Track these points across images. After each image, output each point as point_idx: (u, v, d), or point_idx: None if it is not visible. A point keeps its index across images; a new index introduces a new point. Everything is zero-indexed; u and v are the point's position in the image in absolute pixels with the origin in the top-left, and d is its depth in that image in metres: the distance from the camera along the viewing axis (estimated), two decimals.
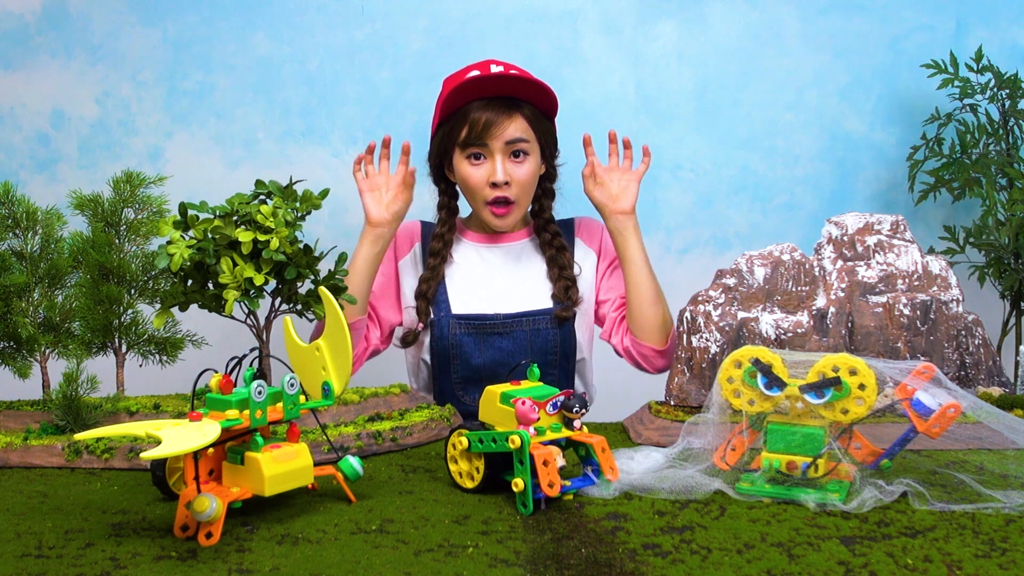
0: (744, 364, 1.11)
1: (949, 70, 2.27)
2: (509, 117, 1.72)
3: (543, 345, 1.77)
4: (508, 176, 1.73)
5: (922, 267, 1.44)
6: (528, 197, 1.80)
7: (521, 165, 1.74)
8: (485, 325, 1.77)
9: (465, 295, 1.81)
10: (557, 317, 1.77)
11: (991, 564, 0.89)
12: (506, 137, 1.71)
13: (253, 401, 1.02)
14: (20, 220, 1.41)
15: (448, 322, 1.77)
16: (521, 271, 1.84)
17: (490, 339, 1.77)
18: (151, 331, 1.45)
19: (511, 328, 1.77)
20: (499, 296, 1.80)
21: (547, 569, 0.88)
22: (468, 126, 1.72)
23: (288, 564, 0.90)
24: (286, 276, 1.27)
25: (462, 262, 1.85)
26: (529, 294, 1.81)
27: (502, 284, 1.82)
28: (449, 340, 1.77)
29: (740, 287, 1.45)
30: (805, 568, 0.89)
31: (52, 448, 1.28)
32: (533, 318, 1.78)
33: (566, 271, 1.81)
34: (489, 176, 1.73)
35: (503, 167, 1.72)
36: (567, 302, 1.78)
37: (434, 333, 1.78)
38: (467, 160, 1.75)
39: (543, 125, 1.77)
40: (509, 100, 1.73)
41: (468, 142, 1.72)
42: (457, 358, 1.77)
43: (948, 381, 1.09)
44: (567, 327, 1.79)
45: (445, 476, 1.20)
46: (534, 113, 1.75)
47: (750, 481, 1.11)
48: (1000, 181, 2.24)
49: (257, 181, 1.31)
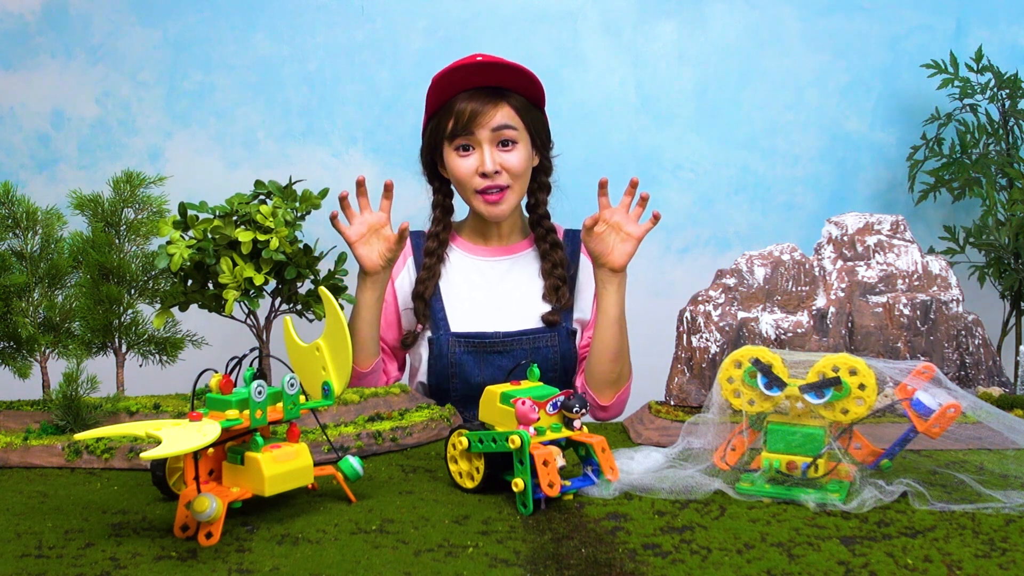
0: (744, 364, 1.11)
1: (949, 70, 2.27)
2: (495, 106, 1.71)
3: (543, 363, 1.75)
4: (497, 164, 1.71)
5: (922, 267, 1.44)
6: (521, 185, 1.77)
7: (510, 153, 1.72)
8: (484, 343, 1.75)
9: (464, 313, 1.79)
10: (545, 320, 1.76)
11: (991, 564, 0.89)
12: (492, 125, 1.70)
13: (253, 401, 1.02)
14: (20, 220, 1.41)
15: (447, 340, 1.75)
16: (521, 286, 1.82)
17: (490, 357, 1.75)
18: (151, 331, 1.45)
19: (511, 346, 1.75)
20: (498, 313, 1.78)
21: (547, 569, 0.88)
22: (454, 118, 1.71)
23: (288, 564, 0.90)
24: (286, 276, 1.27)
25: (459, 276, 1.83)
26: (529, 311, 1.79)
27: (502, 300, 1.80)
28: (448, 359, 1.75)
29: (740, 287, 1.45)
30: (805, 568, 0.89)
31: (52, 448, 1.28)
32: (533, 336, 1.76)
33: (558, 269, 1.79)
34: (478, 166, 1.72)
35: (491, 156, 1.71)
36: (555, 304, 1.77)
37: (433, 351, 1.76)
38: (455, 152, 1.74)
39: (532, 114, 1.76)
40: (494, 90, 1.72)
41: (455, 133, 1.72)
42: (456, 376, 1.76)
43: (948, 381, 1.09)
44: (567, 343, 1.77)
45: (445, 476, 1.20)
46: (521, 102, 1.74)
47: (750, 481, 1.11)
48: (1000, 181, 2.24)
49: (257, 181, 1.31)
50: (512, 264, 1.84)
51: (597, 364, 1.72)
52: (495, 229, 1.84)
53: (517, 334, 1.75)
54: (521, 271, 1.83)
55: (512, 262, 1.84)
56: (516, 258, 1.85)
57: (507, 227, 1.85)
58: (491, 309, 1.79)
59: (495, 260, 1.84)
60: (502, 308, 1.79)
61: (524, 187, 1.79)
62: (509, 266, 1.84)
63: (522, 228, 1.87)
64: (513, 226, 1.86)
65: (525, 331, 1.76)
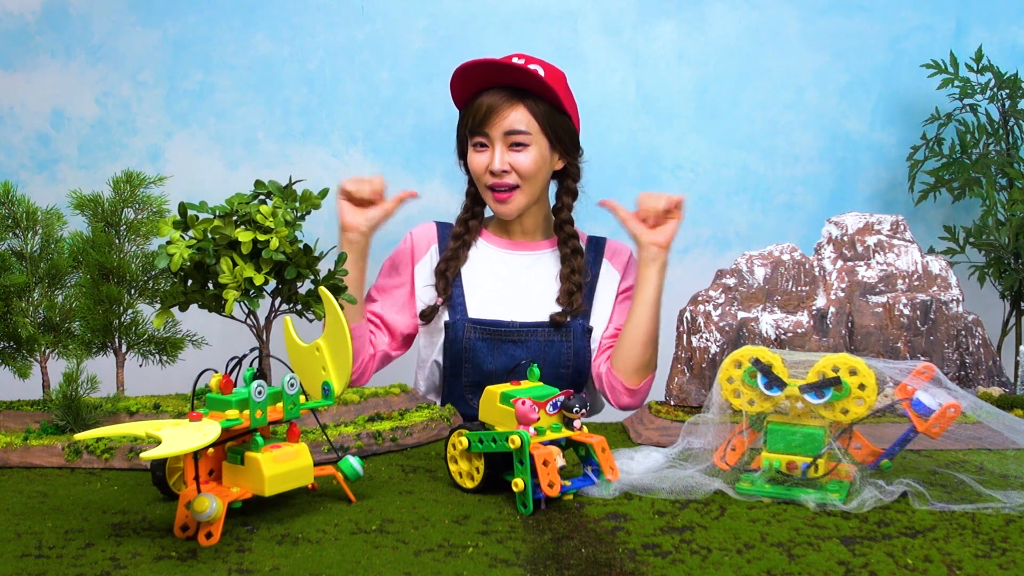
0: (744, 364, 1.11)
1: (949, 70, 2.27)
2: (511, 106, 1.73)
3: (556, 358, 1.76)
4: (505, 164, 1.73)
5: (922, 267, 1.44)
6: (532, 186, 1.77)
7: (521, 153, 1.74)
8: (500, 332, 1.76)
9: (482, 300, 1.80)
10: (553, 321, 1.76)
11: (991, 564, 0.89)
12: (504, 127, 1.72)
13: (253, 401, 1.02)
14: (20, 220, 1.41)
15: (463, 325, 1.77)
16: (541, 281, 1.83)
17: (503, 346, 1.76)
18: (151, 331, 1.45)
19: (525, 337, 1.76)
20: (516, 304, 1.79)
21: (547, 569, 0.88)
22: (473, 113, 1.75)
23: (288, 564, 0.90)
24: (286, 276, 1.27)
25: (481, 265, 1.84)
26: (546, 306, 1.79)
27: (520, 292, 1.81)
28: (463, 343, 1.76)
29: (740, 287, 1.45)
30: (805, 568, 0.89)
31: (52, 448, 1.28)
32: (548, 329, 1.77)
33: (575, 275, 1.79)
34: (488, 164, 1.74)
35: (501, 155, 1.73)
36: (566, 307, 1.77)
37: (449, 335, 1.77)
38: (473, 148, 1.77)
39: (553, 118, 1.75)
40: (514, 90, 1.74)
41: (473, 129, 1.75)
42: (469, 362, 1.77)
43: (948, 381, 1.09)
44: (582, 340, 1.78)
45: (445, 476, 1.20)
46: (541, 105, 1.74)
47: (750, 481, 1.11)
48: (1000, 181, 2.24)
49: (257, 181, 1.31)
50: (535, 260, 1.86)
51: (630, 348, 1.73)
52: (518, 225, 1.86)
53: (532, 326, 1.76)
54: (543, 268, 1.85)
55: (535, 258, 1.86)
56: (539, 255, 1.86)
57: (531, 225, 1.86)
58: (509, 299, 1.80)
59: (518, 254, 1.86)
60: (520, 300, 1.80)
61: (537, 189, 1.80)
62: (532, 262, 1.86)
63: (546, 228, 1.88)
64: (536, 225, 1.87)
65: (541, 323, 1.77)
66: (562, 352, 1.76)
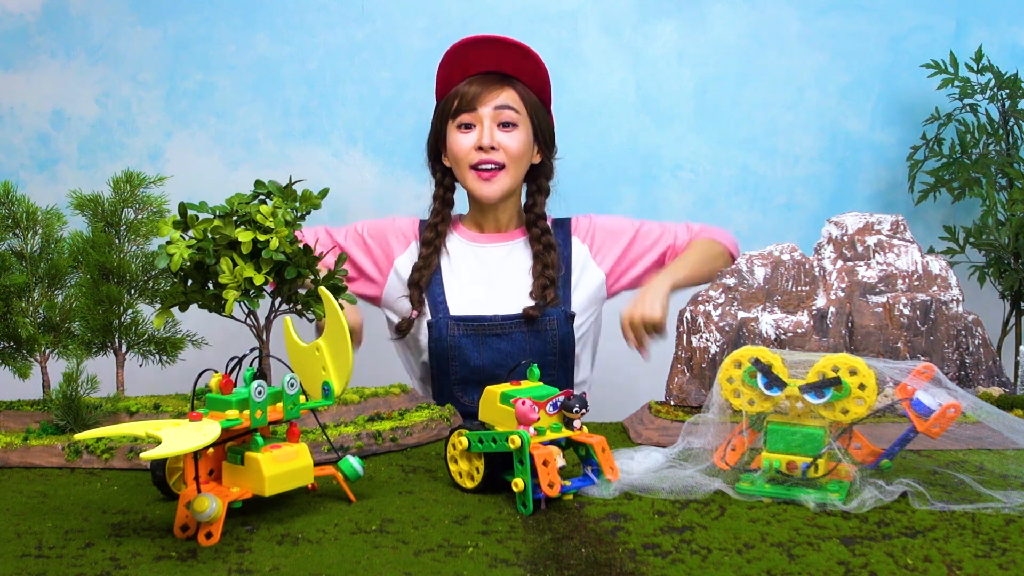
0: (744, 364, 1.11)
1: (949, 70, 2.27)
2: (500, 88, 1.77)
3: (541, 346, 1.77)
4: (495, 141, 1.76)
5: (922, 267, 1.44)
6: (517, 169, 1.80)
7: (509, 134, 1.77)
8: (483, 326, 1.77)
9: (463, 296, 1.81)
10: (525, 315, 1.76)
11: (991, 564, 0.89)
12: (495, 102, 1.76)
13: (253, 401, 1.02)
14: (20, 220, 1.41)
15: (446, 323, 1.77)
16: (518, 271, 1.84)
17: (488, 340, 1.77)
18: (151, 331, 1.45)
19: (509, 329, 1.77)
20: (496, 297, 1.80)
21: (547, 569, 0.88)
22: (459, 97, 1.78)
23: (288, 564, 0.90)
24: (286, 276, 1.27)
25: (458, 262, 1.85)
26: (526, 296, 1.80)
27: (499, 285, 1.82)
28: (448, 341, 1.77)
29: (740, 287, 1.45)
30: (805, 568, 0.89)
31: (52, 448, 1.28)
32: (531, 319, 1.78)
33: (548, 271, 1.80)
34: (477, 141, 1.76)
35: (491, 131, 1.76)
36: (539, 301, 1.78)
37: (432, 335, 1.78)
38: (457, 130, 1.79)
39: (536, 108, 1.81)
40: (501, 75, 1.78)
41: (459, 110, 1.77)
42: (455, 359, 1.77)
43: (948, 381, 1.09)
44: (566, 327, 1.78)
45: (445, 476, 1.20)
46: (527, 92, 1.79)
47: (750, 481, 1.11)
48: (1000, 181, 2.24)
49: (257, 181, 1.31)
50: (510, 250, 1.87)
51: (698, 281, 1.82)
52: (492, 217, 1.87)
53: (515, 317, 1.77)
54: (519, 256, 1.86)
55: (510, 248, 1.87)
56: (513, 244, 1.87)
57: (505, 216, 1.87)
58: (489, 293, 1.81)
59: (493, 246, 1.87)
60: (500, 292, 1.81)
61: (520, 173, 1.81)
62: (507, 252, 1.86)
63: (519, 219, 1.89)
64: (511, 216, 1.88)
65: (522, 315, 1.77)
66: (547, 340, 1.78)
